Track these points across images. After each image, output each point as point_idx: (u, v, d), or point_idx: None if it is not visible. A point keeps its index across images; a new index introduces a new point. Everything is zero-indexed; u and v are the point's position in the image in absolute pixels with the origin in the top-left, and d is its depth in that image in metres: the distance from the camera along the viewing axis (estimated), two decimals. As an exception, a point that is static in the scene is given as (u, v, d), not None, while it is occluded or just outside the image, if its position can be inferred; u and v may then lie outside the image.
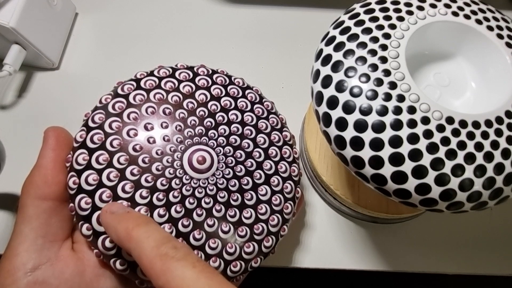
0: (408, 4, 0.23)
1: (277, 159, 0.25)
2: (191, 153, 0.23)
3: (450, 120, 0.20)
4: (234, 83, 0.26)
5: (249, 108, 0.25)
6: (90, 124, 0.22)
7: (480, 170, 0.19)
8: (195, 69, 0.25)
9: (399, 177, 0.19)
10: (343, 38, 0.22)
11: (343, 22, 0.23)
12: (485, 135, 0.20)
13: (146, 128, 0.22)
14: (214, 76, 0.25)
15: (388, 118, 0.19)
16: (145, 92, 0.23)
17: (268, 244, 0.23)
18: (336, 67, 0.21)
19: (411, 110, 0.19)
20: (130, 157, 0.22)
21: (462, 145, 0.19)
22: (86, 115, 0.23)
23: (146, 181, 0.21)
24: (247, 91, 0.26)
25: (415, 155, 0.19)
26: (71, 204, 0.21)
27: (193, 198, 0.22)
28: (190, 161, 0.22)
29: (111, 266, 0.21)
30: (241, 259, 0.22)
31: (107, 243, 0.20)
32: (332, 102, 0.21)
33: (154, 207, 0.21)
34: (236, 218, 0.23)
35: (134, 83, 0.24)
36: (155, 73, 0.25)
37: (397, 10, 0.22)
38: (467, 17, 0.23)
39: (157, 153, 0.22)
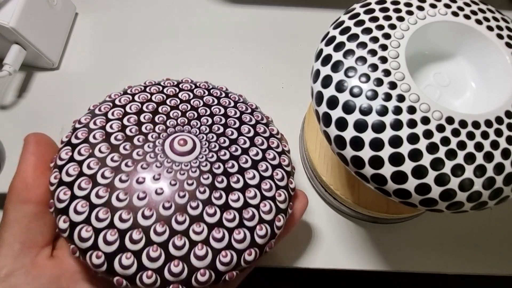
0: (408, 4, 0.23)
1: (264, 147, 0.24)
2: (173, 139, 0.23)
3: (450, 120, 0.20)
4: (216, 88, 0.26)
5: (232, 105, 0.25)
6: (77, 126, 0.23)
7: (480, 170, 0.19)
8: (180, 85, 0.26)
9: (399, 177, 0.19)
10: (343, 38, 0.22)
11: (343, 22, 0.23)
12: (485, 135, 0.20)
13: (128, 120, 0.23)
14: (197, 84, 0.26)
15: (388, 118, 0.19)
16: (130, 96, 0.24)
17: (261, 233, 0.21)
18: (336, 67, 0.21)
19: (411, 110, 0.19)
20: (112, 146, 0.22)
21: (462, 145, 0.19)
22: (74, 122, 0.24)
23: (127, 165, 0.21)
24: (229, 94, 0.26)
25: (415, 155, 0.19)
26: (51, 201, 0.21)
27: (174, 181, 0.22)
28: (171, 145, 0.22)
29: (88, 262, 0.20)
30: (232, 248, 0.21)
31: (83, 233, 0.20)
32: (332, 102, 0.21)
33: (133, 190, 0.21)
34: (222, 200, 0.21)
35: (121, 92, 0.25)
36: (145, 83, 0.26)
37: (397, 10, 0.22)
38: (467, 17, 0.23)
39: (139, 141, 0.22)
